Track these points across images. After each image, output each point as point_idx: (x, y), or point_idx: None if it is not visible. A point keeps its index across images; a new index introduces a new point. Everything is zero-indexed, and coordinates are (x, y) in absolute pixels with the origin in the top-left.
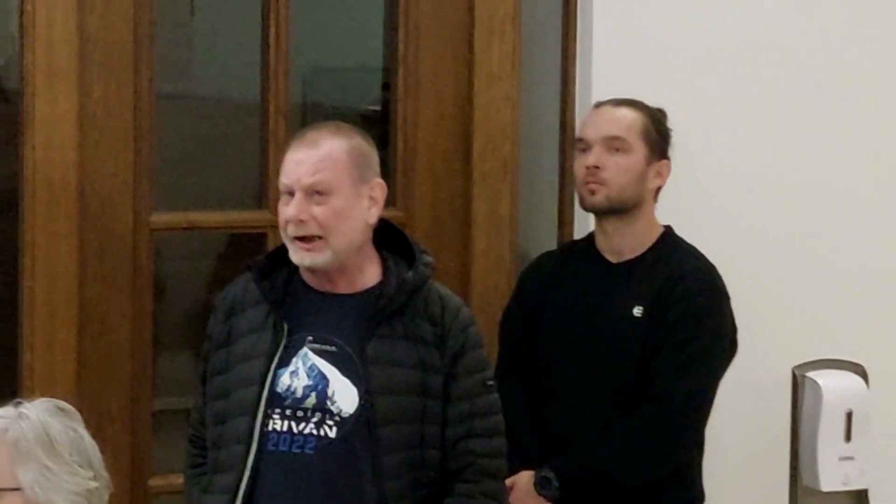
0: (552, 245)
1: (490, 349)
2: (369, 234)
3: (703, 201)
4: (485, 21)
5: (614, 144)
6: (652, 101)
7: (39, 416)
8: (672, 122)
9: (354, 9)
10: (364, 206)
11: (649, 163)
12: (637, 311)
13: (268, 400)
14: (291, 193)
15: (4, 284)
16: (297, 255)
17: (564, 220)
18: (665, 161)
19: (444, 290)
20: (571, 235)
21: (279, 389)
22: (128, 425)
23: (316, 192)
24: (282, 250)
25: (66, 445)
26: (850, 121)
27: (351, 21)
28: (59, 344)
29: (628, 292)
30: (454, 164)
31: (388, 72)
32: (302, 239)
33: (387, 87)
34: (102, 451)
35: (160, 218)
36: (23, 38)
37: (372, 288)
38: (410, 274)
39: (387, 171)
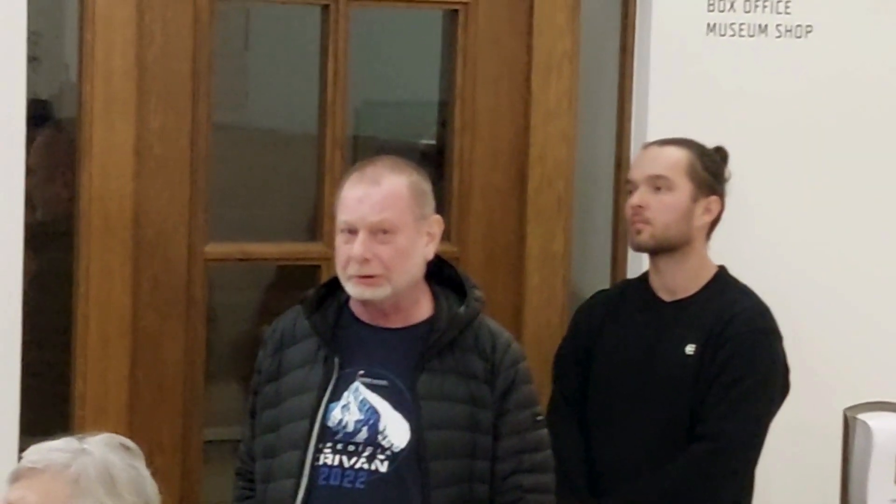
0: (605, 282)
1: (542, 385)
2: (424, 269)
3: (757, 241)
4: (543, 58)
5: (657, 183)
6: (707, 140)
7: (102, 452)
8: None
9: (410, 43)
10: (423, 243)
11: (695, 199)
12: (689, 349)
13: (319, 434)
14: (352, 231)
15: (59, 313)
16: (356, 290)
17: (618, 258)
18: (714, 197)
19: (495, 325)
20: (624, 273)
21: (330, 424)
22: (179, 455)
23: (381, 231)
24: (331, 283)
25: (126, 485)
26: None
27: (406, 55)
28: (112, 373)
29: (681, 331)
30: (509, 200)
31: (445, 107)
32: (362, 276)
33: (444, 123)
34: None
35: (215, 248)
36: (81, 68)
37: (423, 322)
38: (462, 309)
39: (442, 206)
